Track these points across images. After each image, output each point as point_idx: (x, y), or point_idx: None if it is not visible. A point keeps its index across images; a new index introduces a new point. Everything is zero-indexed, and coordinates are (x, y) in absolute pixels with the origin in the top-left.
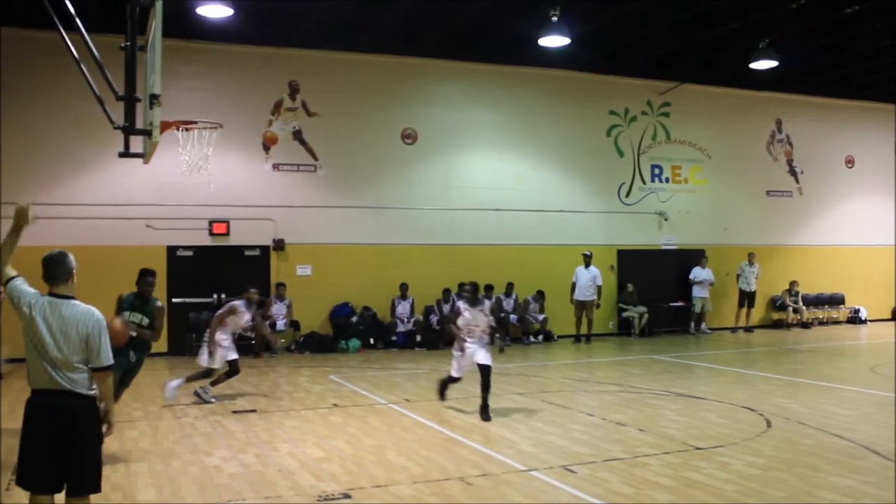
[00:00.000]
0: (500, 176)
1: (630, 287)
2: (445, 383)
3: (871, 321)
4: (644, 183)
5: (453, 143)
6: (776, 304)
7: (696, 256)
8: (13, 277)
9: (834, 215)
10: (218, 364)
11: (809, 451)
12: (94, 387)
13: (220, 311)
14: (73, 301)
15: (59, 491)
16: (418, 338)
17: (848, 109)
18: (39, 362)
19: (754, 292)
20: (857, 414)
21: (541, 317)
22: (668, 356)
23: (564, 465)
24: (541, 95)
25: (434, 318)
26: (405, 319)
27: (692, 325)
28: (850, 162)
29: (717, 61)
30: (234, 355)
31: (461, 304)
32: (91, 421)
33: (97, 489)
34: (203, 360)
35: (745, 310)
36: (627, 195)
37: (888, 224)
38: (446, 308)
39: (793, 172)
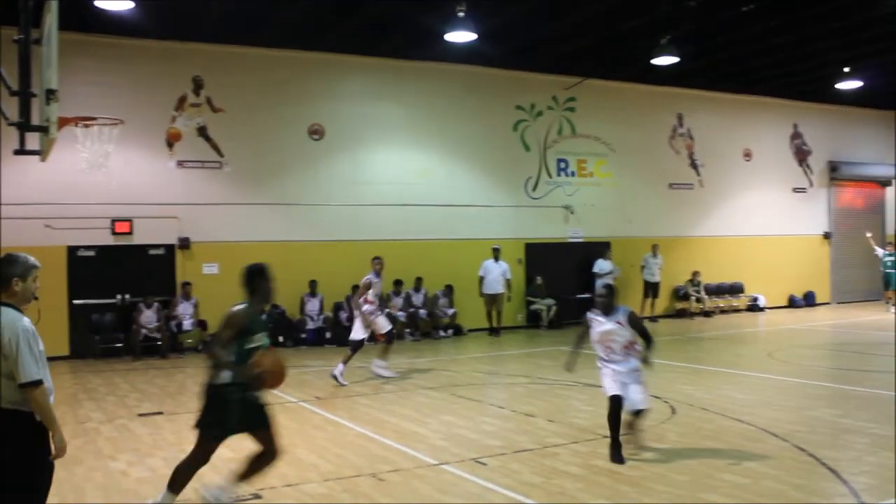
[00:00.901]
0: (408, 171)
1: (539, 280)
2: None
3: (768, 308)
4: (550, 177)
5: (360, 139)
6: (679, 294)
7: (602, 249)
8: None
9: (733, 207)
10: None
11: (711, 436)
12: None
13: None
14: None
15: None
16: (328, 335)
17: (745, 104)
18: None
19: (658, 283)
20: (756, 398)
21: (450, 311)
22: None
23: (475, 457)
24: (448, 90)
25: (343, 315)
26: (314, 317)
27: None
28: (747, 155)
29: (620, 57)
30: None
31: (591, 314)
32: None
33: None
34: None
35: (649, 300)
36: (534, 189)
37: (784, 215)
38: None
39: (694, 165)
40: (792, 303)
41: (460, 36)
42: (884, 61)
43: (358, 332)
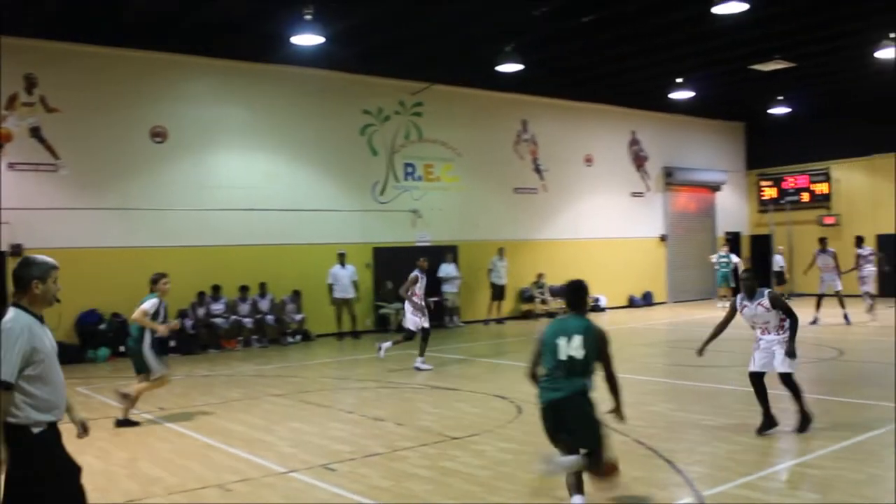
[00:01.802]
0: (254, 175)
1: (389, 284)
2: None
3: (609, 309)
4: (398, 181)
5: (206, 142)
6: (525, 296)
7: (448, 252)
8: None
9: (575, 210)
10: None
11: None
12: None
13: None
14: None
15: None
16: (172, 343)
17: (587, 111)
18: None
19: (504, 285)
20: (597, 395)
21: (298, 316)
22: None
23: (324, 463)
24: (295, 94)
25: (189, 323)
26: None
27: (446, 318)
28: (589, 160)
29: (466, 63)
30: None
31: (738, 298)
32: None
33: None
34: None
35: (496, 303)
36: (382, 193)
37: (623, 218)
38: (201, 311)
39: (538, 170)
40: (631, 303)
41: (307, 39)
42: (712, 73)
43: (410, 323)
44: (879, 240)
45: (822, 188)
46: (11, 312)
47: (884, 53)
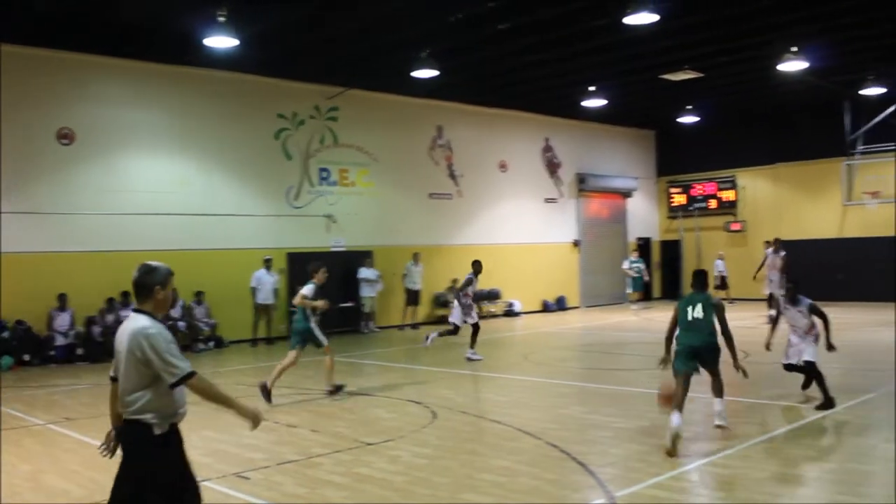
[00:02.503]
0: (165, 179)
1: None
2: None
3: (524, 313)
4: (313, 186)
5: (116, 145)
6: (440, 301)
7: (363, 258)
8: None
9: (490, 216)
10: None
11: (471, 438)
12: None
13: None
14: (139, 315)
15: None
16: (79, 351)
17: (501, 118)
18: None
19: (419, 290)
20: (512, 399)
21: (210, 323)
22: (339, 356)
23: (237, 472)
24: (208, 97)
25: (97, 330)
26: (64, 332)
27: (362, 324)
28: (503, 166)
29: (381, 68)
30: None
31: (782, 302)
32: None
33: None
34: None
35: (411, 308)
36: (296, 198)
37: (537, 224)
38: (110, 318)
39: (453, 176)
40: (545, 307)
41: (221, 41)
42: (624, 82)
43: (457, 319)
44: (782, 246)
45: (728, 195)
46: (145, 318)
47: (786, 66)
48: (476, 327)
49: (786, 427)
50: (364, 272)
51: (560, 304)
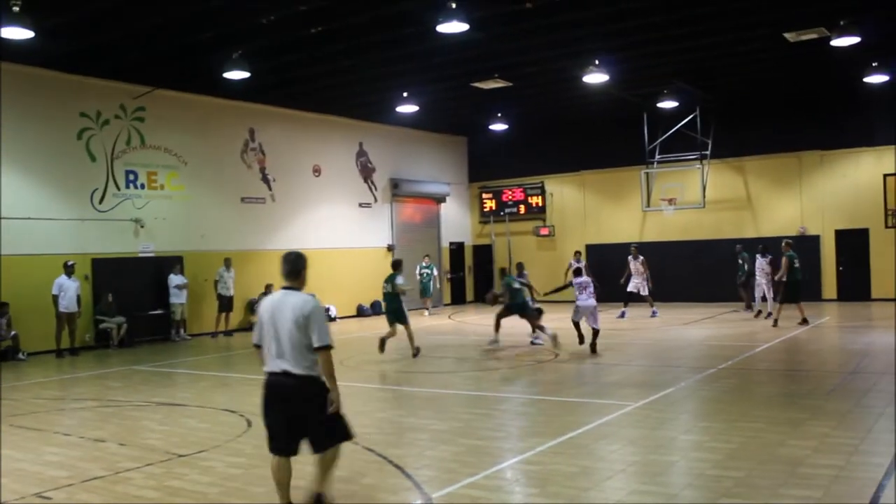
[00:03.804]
0: None
1: (110, 297)
2: None
3: (339, 318)
4: (119, 189)
5: None
6: (254, 308)
7: (174, 263)
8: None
9: (304, 220)
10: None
11: None
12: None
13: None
14: (295, 291)
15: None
16: None
17: (316, 122)
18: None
19: (232, 296)
20: None
21: (10, 333)
22: (149, 366)
23: (38, 492)
24: (3, 92)
25: None
26: None
27: (173, 332)
28: (317, 171)
29: (192, 68)
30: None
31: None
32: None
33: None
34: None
35: (223, 314)
36: (101, 202)
37: (352, 228)
38: None
39: (266, 180)
40: (360, 312)
41: (16, 33)
42: (437, 88)
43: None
44: (588, 250)
45: (537, 201)
46: (304, 294)
47: (590, 78)
48: (540, 312)
49: (594, 422)
50: (174, 278)
51: (375, 309)
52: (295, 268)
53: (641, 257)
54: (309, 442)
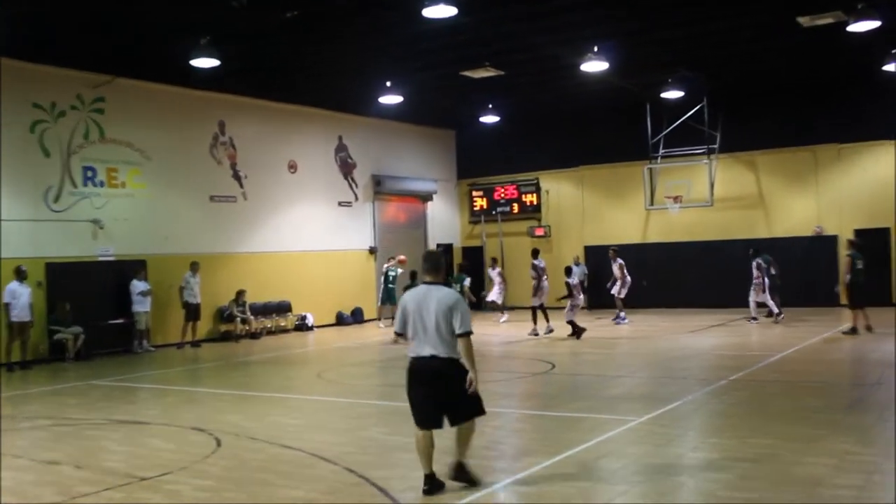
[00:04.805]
0: None
1: (67, 306)
2: None
3: (317, 327)
4: (76, 187)
5: None
6: (224, 316)
7: (136, 268)
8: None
9: (279, 221)
10: None
11: (261, 467)
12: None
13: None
14: (438, 286)
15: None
16: None
17: (291, 114)
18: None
19: (199, 304)
20: (306, 423)
21: None
22: (109, 380)
23: None
24: None
25: None
26: None
27: (135, 343)
28: (293, 167)
29: (155, 55)
30: None
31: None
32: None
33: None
34: None
35: (190, 323)
36: (56, 200)
37: (330, 229)
38: None
39: (237, 177)
40: (340, 320)
41: None
42: (423, 77)
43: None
44: (587, 252)
45: (531, 199)
46: (447, 288)
47: (589, 66)
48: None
49: (594, 440)
50: (138, 285)
51: (356, 317)
52: (437, 264)
53: (620, 261)
54: (448, 416)
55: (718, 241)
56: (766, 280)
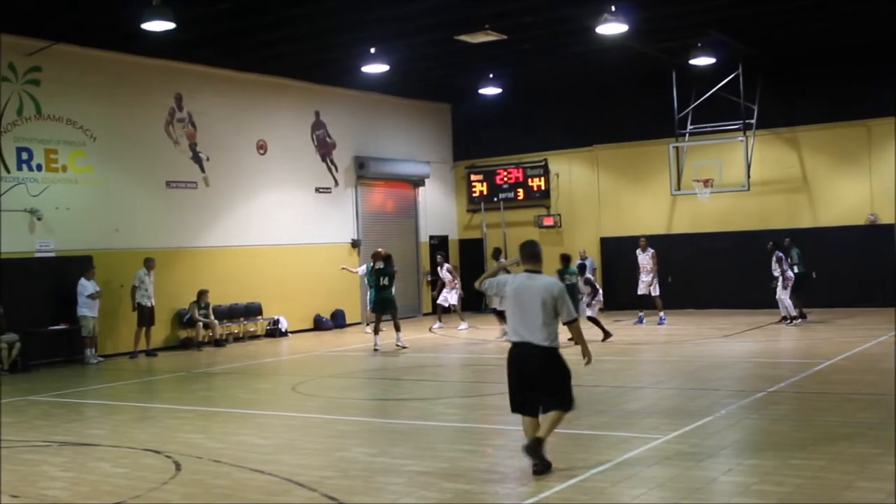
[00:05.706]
0: None
1: (0, 310)
2: None
3: (292, 333)
4: (9, 171)
5: None
6: (183, 320)
7: (81, 265)
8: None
9: (247, 210)
10: None
11: (226, 494)
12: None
13: None
14: (539, 274)
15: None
16: None
17: (259, 85)
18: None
19: (153, 307)
20: (277, 443)
21: None
22: (49, 395)
23: None
24: None
25: None
26: None
27: (88, 352)
28: (262, 147)
29: (100, 18)
30: None
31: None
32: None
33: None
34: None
35: (144, 329)
36: None
37: (307, 220)
38: None
39: (197, 159)
40: (318, 324)
41: None
42: (413, 42)
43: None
44: (603, 244)
45: (539, 183)
46: (549, 277)
47: (605, 28)
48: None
49: (612, 461)
50: (87, 285)
51: (337, 321)
52: (536, 253)
53: (651, 250)
54: (541, 403)
55: (755, 232)
56: (780, 277)
